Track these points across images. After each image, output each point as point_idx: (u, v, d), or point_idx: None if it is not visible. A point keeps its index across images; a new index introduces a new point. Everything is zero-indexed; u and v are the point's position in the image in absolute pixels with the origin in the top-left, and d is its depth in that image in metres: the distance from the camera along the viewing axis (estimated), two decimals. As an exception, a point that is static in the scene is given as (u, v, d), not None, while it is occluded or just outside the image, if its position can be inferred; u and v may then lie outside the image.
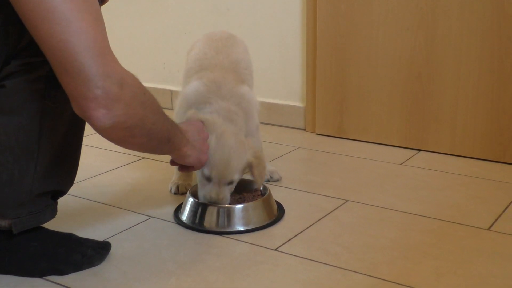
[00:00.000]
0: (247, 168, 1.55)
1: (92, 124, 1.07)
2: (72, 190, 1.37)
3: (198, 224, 1.52)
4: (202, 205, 1.52)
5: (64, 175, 1.29)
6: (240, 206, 1.52)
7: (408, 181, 1.84)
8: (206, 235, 1.49)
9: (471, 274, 1.28)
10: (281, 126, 2.47)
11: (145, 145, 1.22)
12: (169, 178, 1.78)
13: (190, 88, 1.66)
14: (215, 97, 1.60)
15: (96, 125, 1.07)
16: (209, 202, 1.51)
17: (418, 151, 2.14)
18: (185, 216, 1.55)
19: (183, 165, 1.47)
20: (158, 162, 1.99)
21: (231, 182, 1.52)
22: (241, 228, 1.50)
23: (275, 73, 2.46)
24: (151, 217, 1.60)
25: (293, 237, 1.47)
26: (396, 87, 2.16)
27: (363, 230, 1.50)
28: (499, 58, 1.95)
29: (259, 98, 1.83)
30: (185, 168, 1.48)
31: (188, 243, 1.45)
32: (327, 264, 1.33)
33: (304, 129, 2.42)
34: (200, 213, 1.52)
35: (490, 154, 2.02)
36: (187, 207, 1.56)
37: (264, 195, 1.57)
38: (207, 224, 1.51)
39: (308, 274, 1.30)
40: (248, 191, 1.62)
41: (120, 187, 1.82)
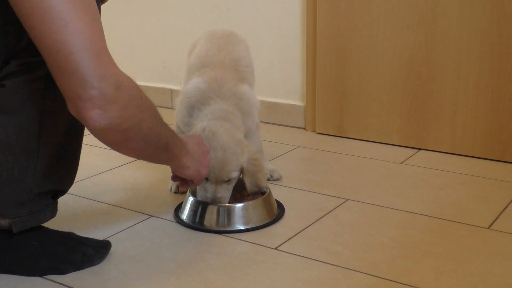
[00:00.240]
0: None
1: (87, 125, 1.06)
2: (72, 189, 1.37)
3: (198, 223, 1.52)
4: (202, 204, 1.52)
5: (64, 175, 1.29)
6: (240, 205, 1.52)
7: (408, 180, 1.84)
8: (206, 234, 1.49)
9: (471, 273, 1.28)
10: (281, 125, 2.47)
11: (142, 151, 1.19)
12: (169, 177, 1.78)
13: (191, 85, 1.66)
14: (215, 97, 1.60)
15: (91, 126, 1.06)
16: (208, 201, 1.51)
17: (418, 150, 2.14)
18: (185, 215, 1.55)
19: (184, 180, 1.46)
20: (158, 161, 1.99)
21: (229, 181, 1.52)
22: (241, 227, 1.50)
23: (275, 72, 2.46)
24: (151, 216, 1.60)
25: (293, 236, 1.47)
26: (396, 86, 2.16)
27: (363, 229, 1.50)
28: (499, 57, 1.95)
29: (259, 97, 1.83)
30: (186, 184, 1.47)
31: (188, 242, 1.45)
32: (327, 263, 1.33)
33: (304, 128, 2.42)
34: (200, 212, 1.52)
35: (490, 153, 2.02)
36: (187, 206, 1.56)
37: (264, 194, 1.57)
38: (207, 223, 1.51)
39: (309, 273, 1.30)
40: (242, 193, 1.61)
41: (120, 186, 1.82)
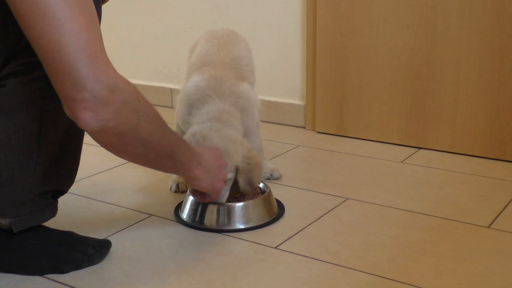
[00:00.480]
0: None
1: (80, 126, 1.06)
2: (72, 189, 1.37)
3: (198, 222, 1.52)
4: (202, 203, 1.52)
5: (65, 174, 1.29)
6: (240, 204, 1.52)
7: (408, 179, 1.84)
8: (206, 233, 1.49)
9: (471, 272, 1.28)
10: (281, 124, 2.47)
11: (142, 157, 1.18)
12: (169, 177, 1.78)
13: (191, 83, 1.66)
14: (213, 95, 1.60)
15: (84, 127, 1.05)
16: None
17: (418, 149, 2.14)
18: (185, 214, 1.55)
19: (201, 194, 1.45)
20: (158, 161, 1.99)
21: (224, 182, 1.51)
22: (241, 226, 1.50)
23: (275, 71, 2.46)
24: (151, 215, 1.60)
25: (293, 235, 1.47)
26: (396, 85, 2.16)
27: (363, 228, 1.50)
28: (499, 56, 1.95)
29: (259, 96, 1.82)
30: (203, 198, 1.47)
31: (188, 241, 1.45)
32: (328, 262, 1.33)
33: (304, 127, 2.42)
34: (200, 211, 1.52)
35: (490, 152, 2.02)
36: (187, 205, 1.56)
37: (264, 193, 1.57)
38: (207, 222, 1.51)
39: (309, 272, 1.30)
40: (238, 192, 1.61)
41: (120, 186, 1.82)
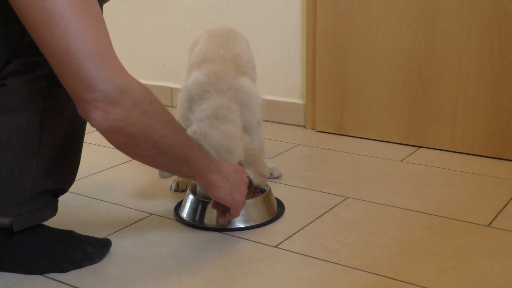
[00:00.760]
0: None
1: (92, 126, 1.07)
2: (72, 188, 1.37)
3: (198, 221, 1.52)
4: (202, 202, 1.52)
5: (65, 173, 1.29)
6: (240, 203, 1.52)
7: (408, 178, 1.84)
8: (206, 232, 1.49)
9: (471, 271, 1.28)
10: (281, 123, 2.47)
11: (155, 160, 1.18)
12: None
13: (191, 79, 1.67)
14: (212, 91, 1.60)
15: (95, 127, 1.06)
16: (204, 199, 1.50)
17: (418, 148, 2.14)
18: (185, 213, 1.55)
19: (222, 209, 1.43)
20: (158, 160, 1.99)
21: None
22: (241, 225, 1.50)
23: (275, 70, 2.46)
24: (152, 214, 1.60)
25: (293, 234, 1.47)
26: (396, 84, 2.16)
27: (363, 227, 1.50)
28: (499, 55, 1.95)
29: (259, 95, 1.83)
30: (223, 216, 1.43)
31: (188, 241, 1.45)
32: (328, 261, 1.33)
33: (304, 126, 2.42)
34: (200, 210, 1.52)
35: (490, 151, 2.02)
36: (187, 204, 1.56)
37: (264, 192, 1.57)
38: (207, 221, 1.51)
39: (309, 271, 1.30)
40: (248, 188, 1.61)
41: (121, 185, 1.82)
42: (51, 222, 1.34)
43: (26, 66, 1.15)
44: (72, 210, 1.62)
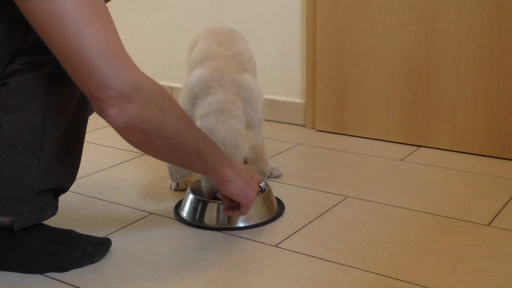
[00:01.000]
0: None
1: (108, 123, 1.08)
2: (73, 187, 1.37)
3: (198, 221, 1.52)
4: (202, 202, 1.53)
5: (66, 173, 1.29)
6: (240, 203, 1.52)
7: (408, 177, 1.84)
8: (206, 232, 1.49)
9: (471, 270, 1.28)
10: (281, 123, 2.47)
11: (169, 155, 1.19)
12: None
13: (193, 76, 1.67)
14: (216, 86, 1.60)
15: (111, 123, 1.08)
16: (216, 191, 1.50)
17: (418, 147, 2.14)
18: (185, 213, 1.55)
19: (232, 204, 1.42)
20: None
21: None
22: (241, 225, 1.50)
23: (275, 69, 2.46)
24: (152, 214, 1.60)
25: (293, 233, 1.47)
26: (396, 83, 2.16)
27: (363, 226, 1.50)
28: (499, 54, 1.95)
29: (259, 95, 1.82)
30: (230, 211, 1.43)
31: (188, 240, 1.45)
32: (328, 260, 1.34)
33: (304, 126, 2.42)
34: (200, 210, 1.52)
35: (490, 150, 2.02)
36: (187, 204, 1.56)
37: (264, 192, 1.57)
38: (207, 221, 1.51)
39: (309, 270, 1.30)
40: None
41: (121, 184, 1.82)
42: (51, 221, 1.34)
43: (29, 65, 1.15)
44: (72, 209, 1.62)
